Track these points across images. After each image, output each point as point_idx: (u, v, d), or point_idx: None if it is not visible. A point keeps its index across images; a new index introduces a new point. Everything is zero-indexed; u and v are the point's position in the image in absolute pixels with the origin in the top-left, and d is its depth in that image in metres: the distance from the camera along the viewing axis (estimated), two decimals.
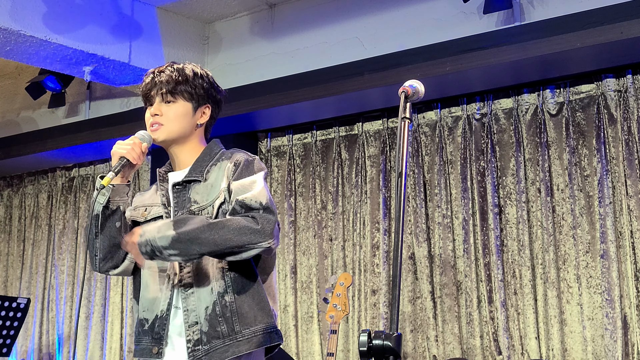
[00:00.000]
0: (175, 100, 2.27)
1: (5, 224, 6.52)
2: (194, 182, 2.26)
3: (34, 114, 5.94)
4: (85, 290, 5.82)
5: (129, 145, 2.19)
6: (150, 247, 2.06)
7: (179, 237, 2.05)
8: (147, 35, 4.72)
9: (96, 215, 2.19)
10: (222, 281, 2.17)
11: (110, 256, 2.23)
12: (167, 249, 2.05)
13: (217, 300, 2.15)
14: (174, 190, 2.27)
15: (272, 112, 4.71)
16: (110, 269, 2.26)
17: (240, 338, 2.14)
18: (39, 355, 5.97)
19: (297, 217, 4.95)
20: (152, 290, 2.22)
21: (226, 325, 2.14)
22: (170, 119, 2.26)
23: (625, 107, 3.96)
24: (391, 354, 1.61)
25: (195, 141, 2.33)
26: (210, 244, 2.05)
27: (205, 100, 2.33)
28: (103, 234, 2.20)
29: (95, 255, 2.23)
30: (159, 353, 2.17)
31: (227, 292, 2.16)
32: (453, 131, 4.46)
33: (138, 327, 2.24)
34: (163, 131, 2.26)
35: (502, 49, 3.86)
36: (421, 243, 4.42)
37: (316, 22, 4.66)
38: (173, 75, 2.28)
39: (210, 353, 2.12)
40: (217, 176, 2.24)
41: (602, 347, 3.83)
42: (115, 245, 2.22)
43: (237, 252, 2.07)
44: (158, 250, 2.06)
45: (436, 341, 4.31)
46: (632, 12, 3.53)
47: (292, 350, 4.75)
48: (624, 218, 3.89)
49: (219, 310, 2.15)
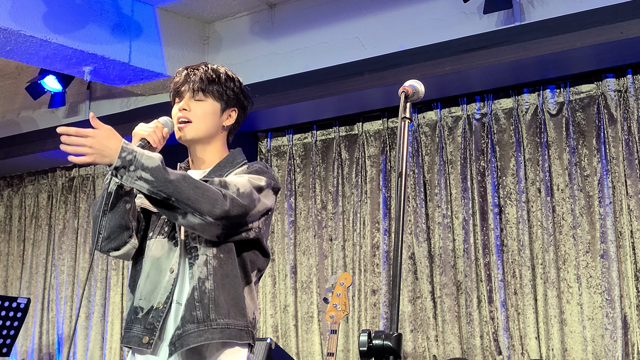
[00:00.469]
0: (205, 99, 2.30)
1: (5, 224, 6.52)
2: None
3: (34, 114, 5.94)
4: (85, 290, 5.82)
5: (150, 128, 2.21)
6: (132, 157, 2.00)
7: (160, 169, 2.02)
8: (147, 35, 4.72)
9: (110, 193, 2.17)
10: (204, 267, 2.16)
11: (114, 236, 2.22)
12: (145, 169, 2.00)
13: (196, 285, 2.14)
14: None
15: (272, 112, 4.71)
16: (112, 250, 2.24)
17: (215, 326, 2.12)
18: (39, 355, 5.97)
19: (297, 217, 4.95)
20: (152, 280, 2.21)
21: (202, 311, 2.12)
22: (199, 117, 2.28)
23: (626, 107, 3.96)
24: (391, 354, 1.61)
25: (218, 143, 2.35)
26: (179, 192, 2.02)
27: (234, 103, 2.35)
28: (112, 212, 2.19)
29: (99, 233, 2.21)
30: (149, 343, 2.15)
31: (207, 279, 2.15)
32: (453, 131, 4.46)
33: (131, 314, 2.22)
34: (191, 129, 2.28)
35: (502, 49, 3.86)
36: (421, 243, 4.42)
37: (316, 22, 4.66)
38: (207, 74, 2.30)
39: (183, 337, 2.11)
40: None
41: (602, 347, 3.83)
42: (121, 226, 2.21)
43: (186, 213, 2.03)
44: (136, 165, 2.00)
45: (436, 341, 4.31)
46: (632, 12, 3.53)
47: (292, 350, 4.75)
48: (624, 218, 3.89)
49: (197, 295, 2.13)
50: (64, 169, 6.17)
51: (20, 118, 6.02)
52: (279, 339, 4.84)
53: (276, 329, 4.87)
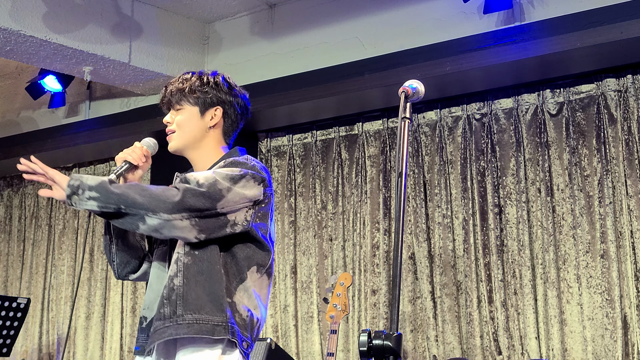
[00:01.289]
0: (182, 107, 2.34)
1: (5, 224, 6.52)
2: None
3: (34, 114, 5.94)
4: (85, 290, 5.82)
5: (131, 151, 2.28)
6: (79, 183, 2.05)
7: (104, 184, 2.06)
8: (147, 35, 4.72)
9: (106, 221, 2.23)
10: (174, 265, 2.15)
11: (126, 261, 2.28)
12: (91, 189, 2.04)
13: (167, 283, 2.15)
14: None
15: (272, 112, 4.71)
16: (129, 274, 2.31)
17: (181, 322, 2.08)
18: (39, 355, 5.97)
19: (297, 217, 4.95)
20: (154, 289, 2.23)
21: (169, 307, 2.12)
22: (179, 125, 2.33)
23: (625, 107, 3.96)
24: (391, 354, 1.61)
25: (210, 145, 2.35)
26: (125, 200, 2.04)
27: (214, 103, 2.36)
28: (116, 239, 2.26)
29: (112, 261, 2.28)
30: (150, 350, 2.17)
31: (177, 275, 2.14)
32: (453, 131, 4.46)
33: (139, 324, 2.26)
34: (174, 138, 2.34)
35: (502, 49, 3.86)
36: (421, 243, 4.42)
37: (316, 22, 4.66)
38: (179, 85, 2.36)
39: (152, 335, 2.12)
40: None
41: (602, 347, 3.83)
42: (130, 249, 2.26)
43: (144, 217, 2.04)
44: (82, 188, 2.05)
45: (436, 341, 4.31)
46: (632, 12, 3.53)
47: (292, 350, 4.75)
48: (624, 218, 3.89)
49: (166, 293, 2.13)
50: (63, 169, 6.17)
51: (20, 118, 6.02)
52: (279, 339, 4.84)
53: (276, 329, 4.88)
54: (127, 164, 2.25)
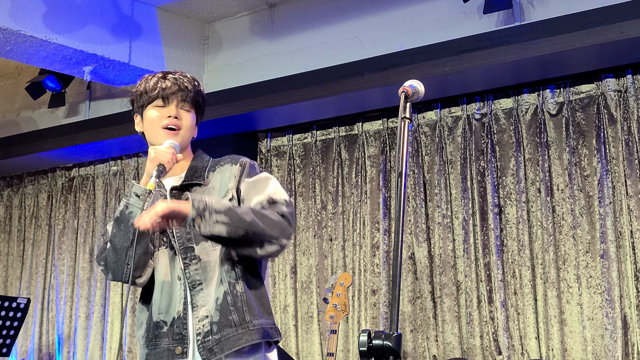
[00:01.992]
0: (191, 110, 2.32)
1: (5, 224, 6.52)
2: (193, 185, 2.28)
3: (34, 114, 5.94)
4: (85, 290, 5.82)
5: (169, 155, 2.18)
6: (204, 206, 2.02)
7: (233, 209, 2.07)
8: (147, 35, 4.72)
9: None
10: (232, 272, 2.19)
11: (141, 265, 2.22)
12: (219, 213, 2.03)
13: (227, 290, 2.17)
14: (171, 194, 2.27)
15: (272, 112, 4.71)
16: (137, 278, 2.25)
17: (252, 327, 2.15)
18: (39, 355, 5.97)
19: (297, 217, 4.95)
20: (167, 292, 2.22)
21: (237, 314, 2.15)
22: (186, 127, 2.30)
23: (625, 107, 3.96)
24: (391, 354, 1.61)
25: (188, 152, 2.37)
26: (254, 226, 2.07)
27: (202, 113, 2.39)
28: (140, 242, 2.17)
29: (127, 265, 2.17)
30: (183, 352, 2.16)
31: (237, 282, 2.18)
32: (453, 131, 4.46)
33: (153, 330, 2.21)
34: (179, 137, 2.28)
35: (502, 49, 3.86)
36: (421, 243, 4.42)
37: (316, 22, 4.66)
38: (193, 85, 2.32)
39: (222, 342, 2.13)
40: (220, 179, 2.27)
41: (602, 347, 3.83)
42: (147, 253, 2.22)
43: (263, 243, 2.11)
44: (209, 211, 2.03)
45: (436, 341, 4.31)
46: (632, 12, 3.53)
47: (292, 350, 4.75)
48: (624, 218, 3.89)
49: (231, 300, 2.16)
50: (63, 169, 6.17)
51: (20, 118, 6.02)
52: None
53: None
54: (163, 169, 2.15)
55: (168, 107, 2.28)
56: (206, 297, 2.18)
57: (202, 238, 2.19)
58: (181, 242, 2.22)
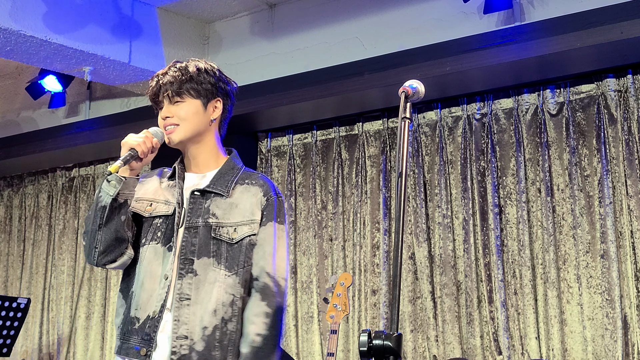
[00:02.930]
0: (183, 100, 2.25)
1: (5, 224, 6.52)
2: (215, 194, 2.24)
3: (34, 114, 5.94)
4: (85, 290, 5.82)
5: (140, 138, 2.16)
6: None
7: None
8: (147, 35, 4.72)
9: (103, 206, 2.13)
10: (229, 309, 2.16)
11: (110, 250, 2.17)
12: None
13: (219, 324, 2.14)
14: (191, 196, 2.24)
15: (272, 112, 4.71)
16: (108, 263, 2.20)
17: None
18: (39, 355, 5.97)
19: (297, 217, 4.95)
20: (147, 289, 2.18)
21: (221, 352, 2.13)
22: (183, 119, 2.24)
23: (626, 107, 3.96)
24: (391, 354, 1.61)
25: (211, 139, 2.31)
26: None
27: (215, 94, 2.30)
28: (107, 226, 2.15)
29: (95, 248, 2.17)
30: (147, 355, 2.12)
31: (231, 320, 2.16)
32: (453, 131, 4.46)
33: (127, 325, 2.19)
34: (179, 132, 2.24)
35: (502, 49, 3.86)
36: (421, 243, 4.42)
37: (316, 22, 4.66)
38: (177, 75, 2.25)
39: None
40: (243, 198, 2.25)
41: (602, 347, 3.83)
42: (118, 239, 2.17)
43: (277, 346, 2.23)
44: None
45: (436, 341, 4.31)
46: (632, 12, 3.53)
47: (292, 350, 4.75)
48: (624, 218, 3.89)
49: (219, 336, 2.14)
50: (64, 169, 6.17)
51: (20, 118, 6.02)
52: None
53: None
54: (135, 153, 2.14)
55: (163, 109, 2.27)
56: (190, 315, 2.14)
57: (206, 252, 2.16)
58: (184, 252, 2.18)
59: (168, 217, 2.23)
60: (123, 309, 2.23)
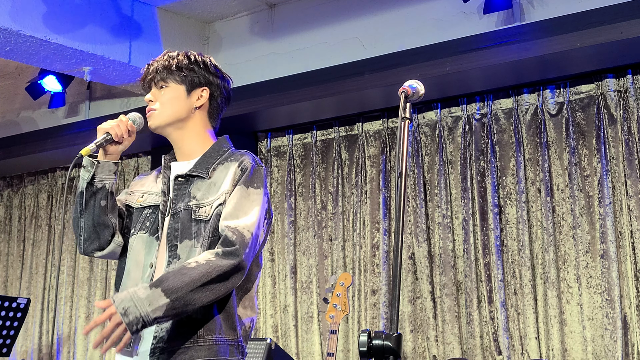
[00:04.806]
0: (167, 85, 2.26)
1: (5, 224, 6.53)
2: (197, 177, 2.21)
3: (34, 114, 5.94)
4: (85, 290, 5.82)
5: (114, 122, 2.20)
6: (142, 324, 1.94)
7: (173, 305, 1.96)
8: (147, 35, 4.72)
9: (81, 192, 2.16)
10: None
11: (94, 237, 2.17)
12: (161, 318, 1.96)
13: None
14: (175, 182, 2.23)
15: (272, 112, 4.71)
16: (95, 251, 2.19)
17: (202, 343, 2.05)
18: (39, 355, 5.97)
19: (297, 217, 4.95)
20: (133, 278, 2.15)
21: (189, 327, 2.06)
22: (163, 103, 2.24)
23: (625, 107, 3.96)
24: (391, 354, 1.61)
25: (196, 127, 2.28)
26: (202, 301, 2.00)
27: (202, 83, 2.29)
28: (87, 212, 2.15)
29: (80, 235, 2.18)
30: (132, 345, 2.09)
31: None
32: (453, 131, 4.46)
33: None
34: (156, 116, 2.25)
35: (502, 49, 3.86)
36: (421, 243, 4.42)
37: (316, 22, 4.66)
38: (164, 62, 2.28)
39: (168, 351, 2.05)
40: (221, 176, 2.18)
41: (602, 347, 3.83)
42: (99, 225, 2.16)
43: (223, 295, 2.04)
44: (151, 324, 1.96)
45: (436, 341, 4.31)
46: (632, 12, 3.53)
47: (292, 350, 4.75)
48: (624, 218, 3.89)
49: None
50: (63, 169, 6.18)
51: (20, 118, 6.02)
52: (279, 339, 4.84)
53: (276, 329, 4.87)
54: (109, 137, 2.17)
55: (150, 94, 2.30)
56: None
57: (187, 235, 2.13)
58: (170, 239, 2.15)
59: (157, 207, 2.22)
60: None
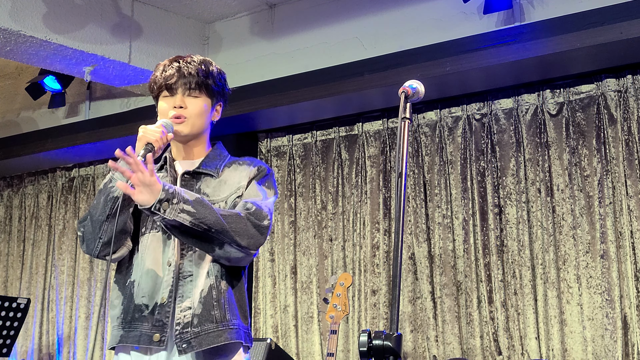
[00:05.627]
0: (200, 95, 2.25)
1: (5, 224, 6.53)
2: (205, 175, 2.25)
3: (34, 114, 5.94)
4: (85, 291, 5.82)
5: (158, 134, 2.13)
6: (174, 191, 2.01)
7: (202, 201, 2.04)
8: (147, 35, 4.72)
9: (115, 197, 2.12)
10: (219, 266, 2.15)
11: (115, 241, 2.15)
12: (187, 202, 2.01)
13: (214, 283, 2.13)
14: (182, 178, 2.25)
15: (272, 112, 4.71)
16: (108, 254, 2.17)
17: (231, 326, 2.12)
18: (39, 355, 5.97)
19: (297, 217, 4.95)
20: (152, 276, 2.16)
21: (219, 310, 2.11)
22: (195, 114, 2.23)
23: (625, 107, 3.96)
24: (391, 354, 1.61)
25: (205, 137, 2.33)
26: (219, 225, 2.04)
27: (221, 98, 2.33)
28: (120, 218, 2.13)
29: (99, 238, 2.14)
30: (161, 341, 2.10)
31: (222, 278, 2.15)
32: (453, 131, 4.46)
33: (132, 312, 2.16)
34: (187, 125, 2.23)
35: (502, 49, 3.86)
36: (421, 243, 4.42)
37: (316, 22, 4.66)
38: (201, 68, 2.25)
39: (202, 336, 2.08)
40: (233, 175, 2.25)
41: (602, 347, 3.83)
42: (122, 231, 2.16)
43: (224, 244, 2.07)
44: (177, 199, 2.00)
45: (436, 341, 4.31)
46: (632, 12, 3.53)
47: (292, 350, 4.75)
48: (624, 218, 3.89)
49: (215, 295, 2.12)
50: (63, 169, 6.17)
51: (20, 118, 6.02)
52: (279, 339, 4.84)
53: (276, 329, 4.87)
54: (152, 148, 2.10)
55: (174, 97, 2.24)
56: (193, 289, 2.13)
57: None
58: None
59: None
60: (120, 299, 2.21)
